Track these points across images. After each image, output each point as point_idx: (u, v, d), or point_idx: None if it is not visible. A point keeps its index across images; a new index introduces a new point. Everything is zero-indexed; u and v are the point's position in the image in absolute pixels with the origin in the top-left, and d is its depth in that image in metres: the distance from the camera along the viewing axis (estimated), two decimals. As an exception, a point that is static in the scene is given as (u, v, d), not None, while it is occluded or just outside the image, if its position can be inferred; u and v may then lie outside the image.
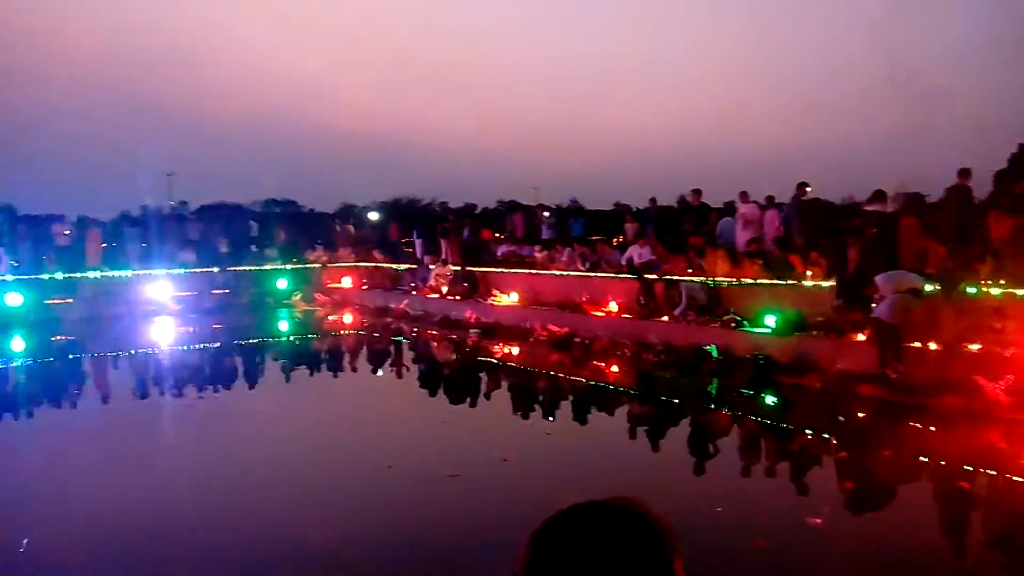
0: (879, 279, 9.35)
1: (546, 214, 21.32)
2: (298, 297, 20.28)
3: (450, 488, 6.06)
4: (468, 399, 10.03)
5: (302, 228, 25.59)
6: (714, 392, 9.87)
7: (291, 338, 17.04)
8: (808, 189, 13.57)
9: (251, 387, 11.38)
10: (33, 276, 17.81)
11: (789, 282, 11.37)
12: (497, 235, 20.63)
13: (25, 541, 5.04)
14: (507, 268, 17.16)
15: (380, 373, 12.55)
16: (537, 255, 17.09)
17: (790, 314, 10.58)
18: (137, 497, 6.00)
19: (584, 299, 14.16)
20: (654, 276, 13.24)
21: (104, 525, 5.43)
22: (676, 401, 9.93)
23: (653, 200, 17.15)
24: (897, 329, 8.89)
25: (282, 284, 20.53)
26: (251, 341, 15.92)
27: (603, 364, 11.85)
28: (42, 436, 8.45)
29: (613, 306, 13.60)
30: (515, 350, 13.56)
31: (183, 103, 64.39)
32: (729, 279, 12.36)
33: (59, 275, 18.07)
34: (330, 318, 18.83)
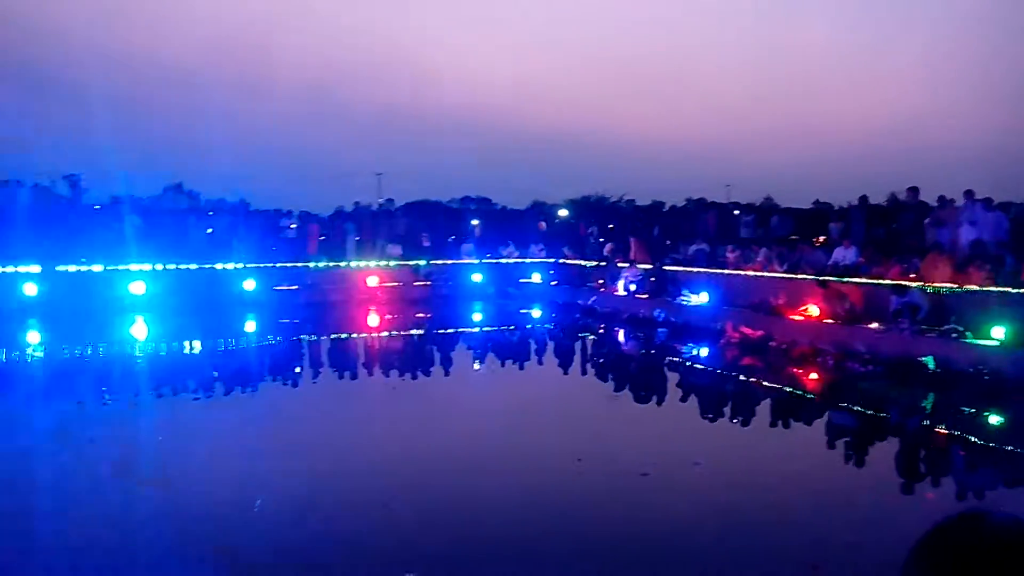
0: None
1: (736, 212, 20.60)
2: (490, 291, 21.16)
3: (641, 486, 6.09)
4: (656, 399, 9.99)
5: (495, 224, 26.55)
6: (929, 408, 9.07)
7: (485, 329, 17.83)
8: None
9: (446, 374, 12.04)
10: (264, 265, 20.06)
11: (1021, 290, 10.15)
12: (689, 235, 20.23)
13: (258, 502, 5.73)
14: (698, 267, 16.79)
15: (567, 368, 12.80)
16: (729, 255, 16.56)
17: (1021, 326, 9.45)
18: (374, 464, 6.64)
19: (781, 302, 13.52)
20: (860, 279, 12.36)
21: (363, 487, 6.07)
22: (884, 415, 9.23)
23: (863, 198, 15.99)
24: None
25: (477, 278, 21.52)
26: (449, 330, 16.89)
27: (800, 371, 11.28)
28: (275, 404, 9.54)
29: (813, 310, 12.85)
30: (705, 351, 13.27)
31: (393, 108, 69.05)
32: (950, 285, 11.25)
33: (286, 264, 20.24)
34: (520, 312, 19.46)
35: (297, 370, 12.10)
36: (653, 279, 17.11)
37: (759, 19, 70.27)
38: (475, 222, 25.76)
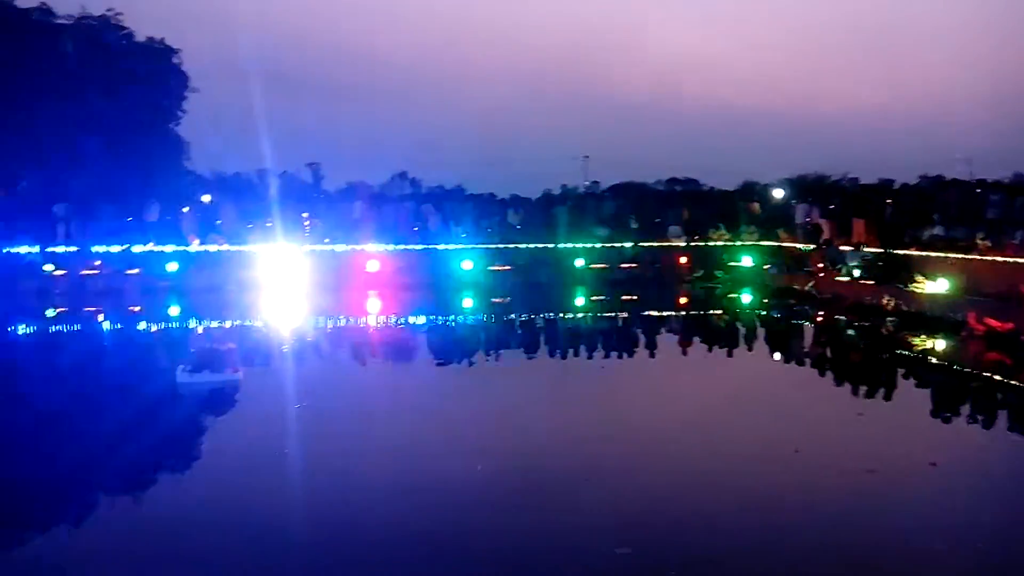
0: None
1: (979, 190, 18.40)
2: (699, 274, 20.77)
3: (866, 483, 5.82)
4: (882, 393, 9.35)
5: (703, 206, 25.90)
6: None
7: (691, 313, 17.58)
8: None
9: (651, 355, 12.04)
10: (479, 246, 21.22)
11: None
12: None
13: (479, 468, 6.20)
14: (934, 252, 15.30)
15: (780, 356, 12.33)
16: (979, 241, 14.88)
17: None
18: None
19: (1037, 292, 12.00)
20: None
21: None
22: None
23: None
24: None
25: (684, 261, 21.21)
26: (654, 313, 16.87)
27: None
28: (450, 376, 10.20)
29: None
30: (941, 344, 12.14)
31: (598, 90, 69.25)
32: None
33: (499, 246, 21.28)
34: (730, 296, 18.93)
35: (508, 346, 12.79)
36: (881, 263, 15.87)
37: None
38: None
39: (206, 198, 24.22)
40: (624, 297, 18.65)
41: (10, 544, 4.93)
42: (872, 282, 15.58)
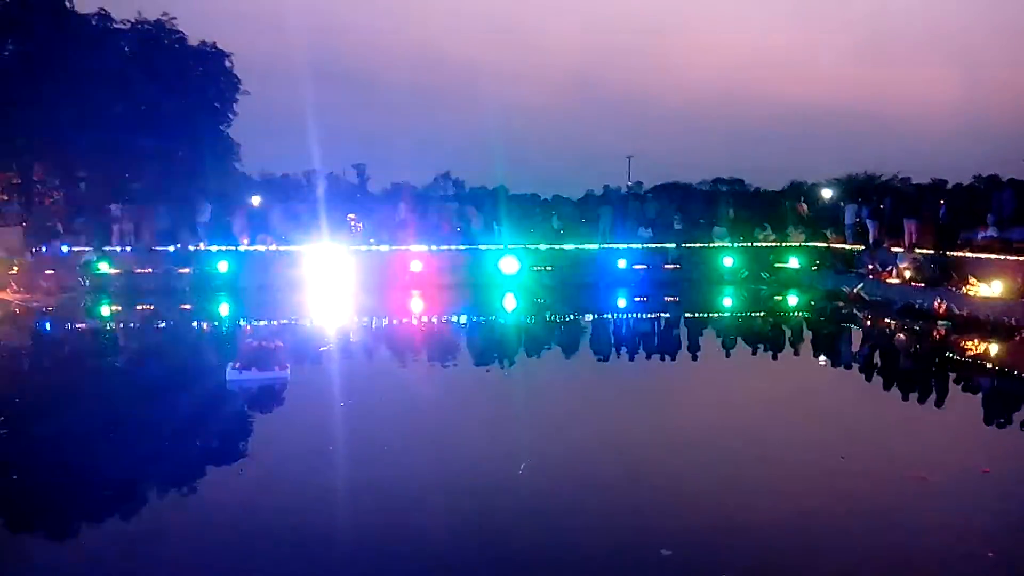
0: None
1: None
2: (744, 275, 20.53)
3: (916, 491, 5.73)
4: (933, 398, 9.15)
5: (749, 207, 25.59)
6: None
7: (736, 315, 17.39)
8: None
9: (694, 358, 11.93)
10: (521, 246, 21.31)
11: None
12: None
13: (523, 465, 6.26)
14: (989, 253, 14.89)
15: (826, 359, 12.12)
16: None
17: None
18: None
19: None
20: None
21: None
22: None
23: None
24: None
25: (728, 262, 20.98)
26: (697, 315, 16.73)
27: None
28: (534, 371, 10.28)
29: None
30: (995, 349, 11.81)
31: (641, 89, 68.93)
32: None
33: (542, 246, 21.34)
34: (775, 298, 18.67)
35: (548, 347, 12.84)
36: (933, 265, 15.49)
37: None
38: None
39: (256, 199, 24.80)
40: (667, 298, 18.54)
41: (83, 527, 5.20)
42: (923, 285, 15.22)
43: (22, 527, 5.43)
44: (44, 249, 20.44)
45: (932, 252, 16.02)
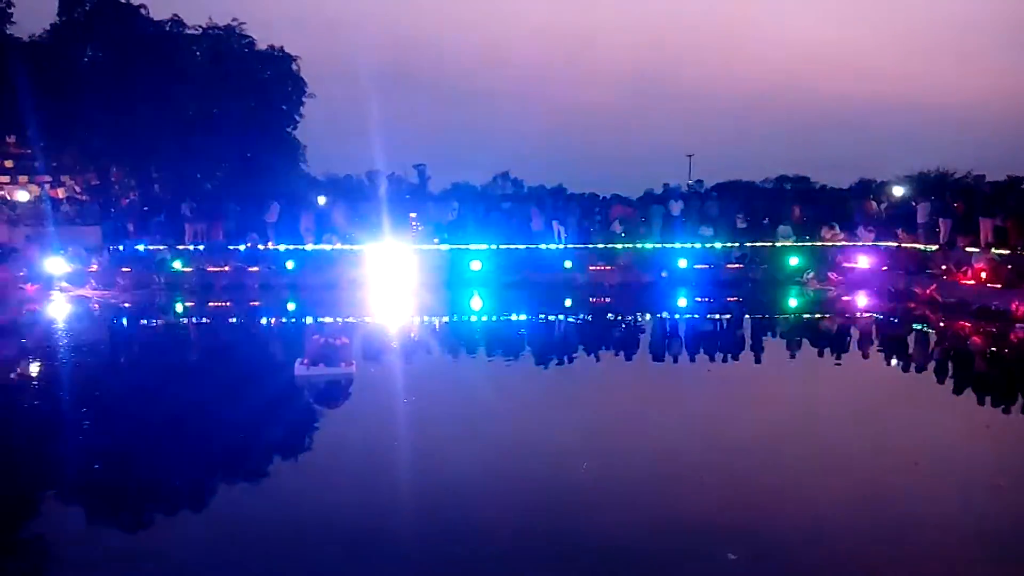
0: None
1: None
2: (810, 275, 20.04)
3: (990, 495, 5.54)
4: (1016, 405, 8.78)
5: (815, 205, 24.95)
6: None
7: (801, 316, 17.00)
8: None
9: (756, 361, 11.69)
10: (580, 246, 21.26)
11: None
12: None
13: (584, 465, 6.27)
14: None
15: (899, 363, 11.74)
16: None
17: None
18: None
19: None
20: None
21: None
22: None
23: None
24: None
25: (794, 261, 20.52)
26: (761, 316, 16.42)
27: None
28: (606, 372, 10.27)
29: None
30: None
31: (701, 86, 67.93)
32: None
33: (600, 245, 21.27)
34: (843, 299, 18.16)
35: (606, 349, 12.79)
36: (1010, 266, 14.85)
37: None
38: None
39: (321, 199, 25.39)
40: (729, 299, 18.24)
41: (158, 516, 5.48)
42: (1000, 286, 14.61)
43: (105, 515, 5.72)
44: (121, 247, 21.34)
45: (1009, 252, 15.36)
